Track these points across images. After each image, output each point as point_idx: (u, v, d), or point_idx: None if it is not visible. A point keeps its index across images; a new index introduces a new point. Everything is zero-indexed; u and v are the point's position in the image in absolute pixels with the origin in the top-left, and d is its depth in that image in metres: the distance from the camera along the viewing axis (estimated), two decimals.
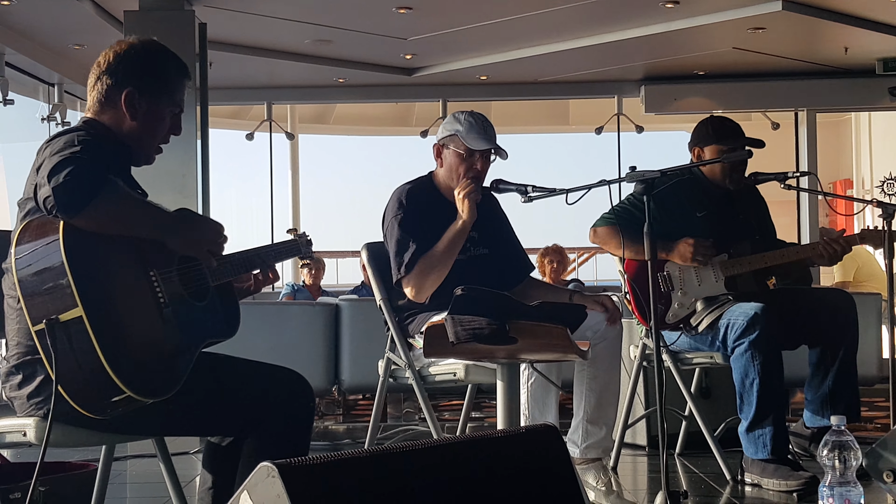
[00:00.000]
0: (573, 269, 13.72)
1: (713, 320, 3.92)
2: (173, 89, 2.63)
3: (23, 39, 7.80)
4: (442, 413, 6.40)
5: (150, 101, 2.59)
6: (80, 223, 2.28)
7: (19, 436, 2.44)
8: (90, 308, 2.22)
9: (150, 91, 2.59)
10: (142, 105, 2.58)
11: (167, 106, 2.62)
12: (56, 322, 2.22)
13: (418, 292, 3.52)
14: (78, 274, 2.23)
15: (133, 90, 2.57)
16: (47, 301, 2.25)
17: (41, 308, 2.26)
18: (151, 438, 2.75)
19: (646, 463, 4.57)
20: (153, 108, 2.60)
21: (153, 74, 2.61)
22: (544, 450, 1.93)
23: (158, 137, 2.64)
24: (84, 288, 2.23)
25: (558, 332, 2.86)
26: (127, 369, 2.24)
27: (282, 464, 1.57)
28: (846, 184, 13.58)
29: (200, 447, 4.85)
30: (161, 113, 2.61)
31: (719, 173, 4.11)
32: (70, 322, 2.22)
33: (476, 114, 3.64)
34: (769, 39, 8.32)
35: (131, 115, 2.58)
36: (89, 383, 2.26)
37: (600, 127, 10.45)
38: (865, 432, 5.16)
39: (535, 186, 3.40)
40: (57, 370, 2.24)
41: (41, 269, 2.29)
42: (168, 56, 2.66)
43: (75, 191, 2.25)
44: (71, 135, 2.44)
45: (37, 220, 2.35)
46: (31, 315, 2.27)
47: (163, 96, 2.61)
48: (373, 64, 9.21)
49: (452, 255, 3.52)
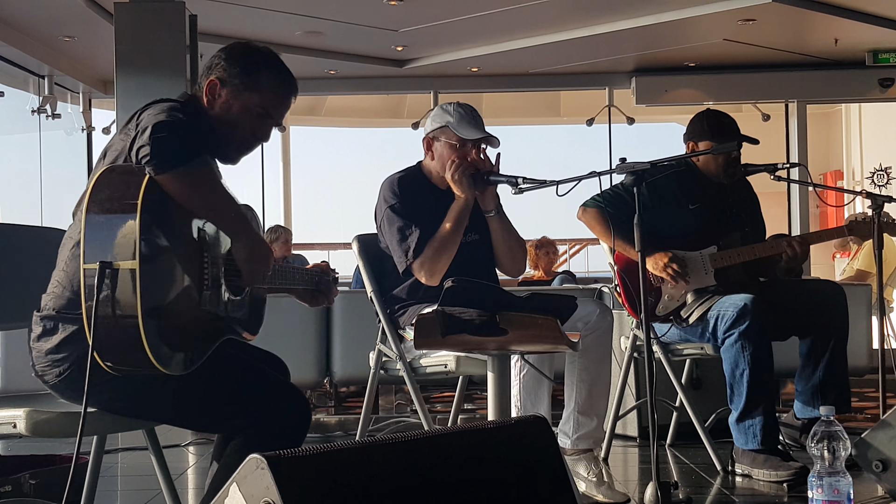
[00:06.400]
0: (564, 261, 13.73)
1: (703, 312, 3.93)
2: (261, 91, 2.62)
3: (13, 31, 7.77)
4: (434, 405, 6.41)
5: (231, 94, 2.61)
6: (165, 182, 2.28)
7: (9, 427, 2.42)
8: (145, 266, 2.23)
9: (234, 85, 2.61)
10: (221, 96, 2.61)
11: (249, 104, 2.61)
12: (109, 266, 2.23)
13: (431, 275, 3.51)
14: (147, 230, 2.24)
15: (217, 80, 2.62)
16: (107, 247, 2.25)
17: (99, 251, 2.26)
18: (144, 428, 2.75)
19: (637, 454, 4.58)
20: (232, 102, 2.61)
21: (241, 70, 2.62)
22: (534, 440, 1.94)
23: (237, 135, 2.63)
24: (148, 246, 2.24)
25: (549, 323, 2.86)
26: (156, 334, 2.26)
27: (271, 456, 1.57)
28: (836, 175, 13.61)
29: (192, 440, 4.86)
30: (239, 109, 2.61)
31: (713, 167, 4.11)
32: (122, 272, 2.23)
33: (464, 104, 3.65)
34: (760, 31, 8.33)
35: (209, 104, 2.62)
36: (116, 336, 2.26)
37: (591, 118, 10.46)
38: (855, 423, 5.18)
39: (526, 178, 3.40)
40: (93, 313, 2.24)
41: (114, 213, 2.29)
42: (269, 62, 2.67)
43: (172, 150, 2.28)
44: (174, 103, 2.45)
45: (122, 166, 2.37)
46: (87, 255, 2.27)
47: (244, 93, 2.61)
48: (364, 56, 9.21)
49: (459, 233, 3.53)
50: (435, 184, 3.66)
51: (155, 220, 2.28)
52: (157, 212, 2.28)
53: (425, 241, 3.52)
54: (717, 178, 4.13)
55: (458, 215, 3.54)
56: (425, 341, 2.99)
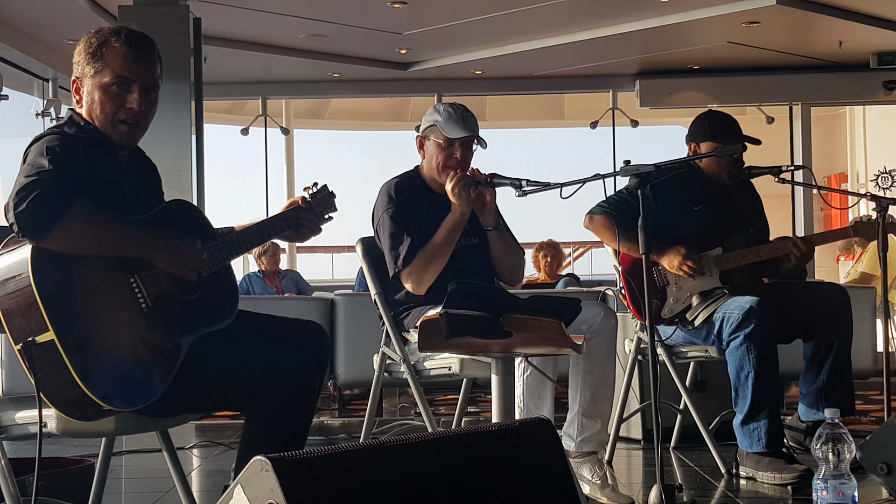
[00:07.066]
0: (568, 264, 13.72)
1: (708, 314, 3.93)
2: (108, 65, 2.60)
3: (16, 34, 7.78)
4: (437, 408, 6.40)
5: (90, 84, 2.61)
6: (50, 245, 2.29)
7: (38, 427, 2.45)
8: (61, 330, 2.25)
9: (89, 75, 2.61)
10: (85, 90, 2.62)
11: (103, 82, 2.60)
12: (32, 343, 2.26)
13: (418, 285, 3.52)
14: (47, 297, 2.26)
15: (76, 79, 2.65)
16: (23, 322, 2.29)
17: (19, 328, 2.29)
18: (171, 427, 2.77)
19: (641, 456, 4.58)
20: (93, 91, 2.61)
21: (88, 57, 2.62)
22: (538, 443, 1.94)
23: (109, 116, 2.61)
24: (54, 311, 2.25)
25: (553, 326, 2.86)
26: (103, 386, 2.29)
27: (275, 457, 1.57)
28: (841, 178, 13.59)
29: (196, 442, 4.86)
30: (101, 93, 2.60)
31: (717, 168, 4.11)
32: (45, 344, 2.25)
33: (456, 104, 3.66)
34: (763, 33, 8.33)
35: (79, 104, 2.64)
36: (71, 398, 2.30)
37: (595, 121, 10.46)
38: (860, 425, 5.17)
39: (530, 181, 3.40)
40: (38, 386, 2.29)
41: (12, 291, 2.31)
42: (109, 35, 2.64)
43: (39, 216, 2.27)
44: (47, 139, 2.47)
45: (9, 238, 2.38)
46: (12, 334, 2.31)
47: (97, 76, 2.60)
48: (368, 59, 9.21)
49: (451, 245, 3.54)
50: (431, 188, 3.67)
51: (53, 280, 2.28)
52: (53, 272, 2.29)
53: (416, 250, 3.52)
54: (720, 179, 4.12)
55: (451, 227, 3.54)
56: (429, 344, 2.99)
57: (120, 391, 2.32)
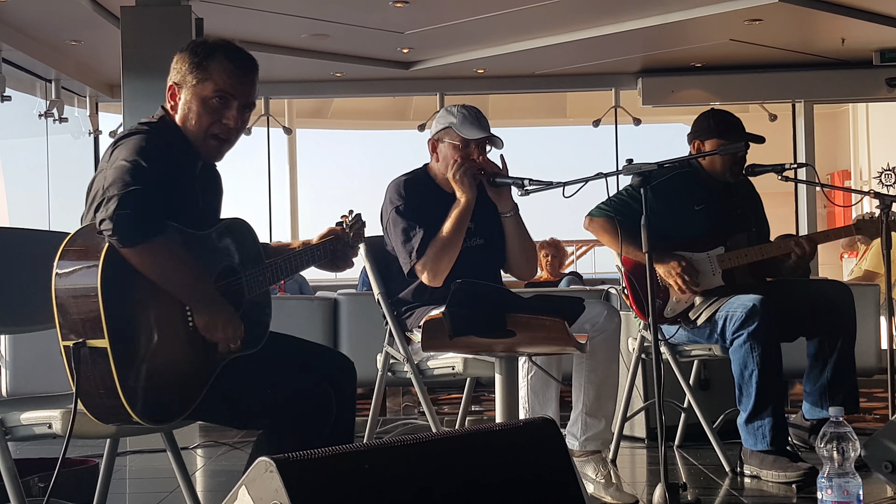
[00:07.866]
0: (571, 263, 13.72)
1: (712, 313, 3.93)
2: (213, 78, 2.61)
3: (19, 35, 7.79)
4: (441, 407, 6.41)
5: (189, 92, 2.62)
6: (130, 256, 2.31)
7: (44, 428, 2.47)
8: (115, 341, 2.27)
9: (189, 83, 2.62)
10: (182, 98, 2.63)
11: (204, 94, 2.61)
12: (83, 345, 2.28)
13: (434, 276, 3.52)
14: (111, 305, 2.27)
15: (174, 85, 2.64)
16: (78, 323, 2.30)
17: (72, 326, 2.31)
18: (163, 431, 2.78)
19: (645, 455, 4.58)
20: (191, 100, 2.62)
21: (192, 65, 2.62)
22: (542, 442, 1.94)
23: (204, 128, 2.62)
24: (114, 321, 2.27)
25: (556, 325, 2.86)
26: (142, 402, 2.31)
27: (280, 458, 1.57)
28: (844, 175, 13.58)
29: (200, 442, 4.86)
30: (199, 104, 2.61)
31: (719, 166, 4.10)
32: (96, 349, 2.27)
33: (469, 106, 3.66)
34: (766, 31, 8.32)
35: (174, 109, 2.64)
36: (104, 405, 2.32)
37: (598, 119, 10.45)
38: (864, 423, 5.17)
39: (532, 179, 3.40)
40: (78, 386, 2.31)
41: (76, 287, 2.32)
42: (216, 48, 2.65)
43: (137, 226, 2.30)
44: (142, 138, 2.48)
45: (81, 239, 2.38)
46: (62, 328, 2.32)
47: (198, 86, 2.61)
48: (370, 58, 9.21)
49: (460, 234, 3.54)
50: (441, 186, 3.67)
51: (119, 291, 2.30)
52: (120, 282, 2.30)
53: (429, 243, 3.52)
54: (722, 177, 4.12)
55: (458, 216, 3.54)
56: (433, 343, 2.99)
57: (154, 409, 2.35)
